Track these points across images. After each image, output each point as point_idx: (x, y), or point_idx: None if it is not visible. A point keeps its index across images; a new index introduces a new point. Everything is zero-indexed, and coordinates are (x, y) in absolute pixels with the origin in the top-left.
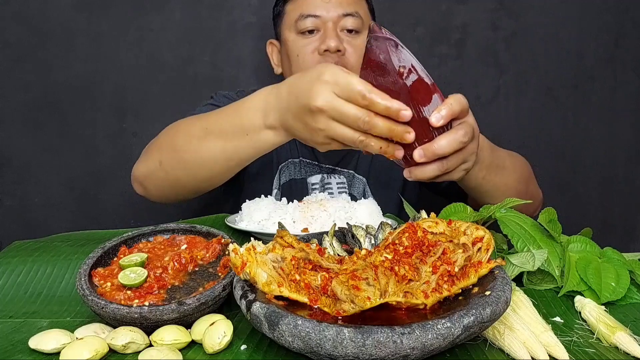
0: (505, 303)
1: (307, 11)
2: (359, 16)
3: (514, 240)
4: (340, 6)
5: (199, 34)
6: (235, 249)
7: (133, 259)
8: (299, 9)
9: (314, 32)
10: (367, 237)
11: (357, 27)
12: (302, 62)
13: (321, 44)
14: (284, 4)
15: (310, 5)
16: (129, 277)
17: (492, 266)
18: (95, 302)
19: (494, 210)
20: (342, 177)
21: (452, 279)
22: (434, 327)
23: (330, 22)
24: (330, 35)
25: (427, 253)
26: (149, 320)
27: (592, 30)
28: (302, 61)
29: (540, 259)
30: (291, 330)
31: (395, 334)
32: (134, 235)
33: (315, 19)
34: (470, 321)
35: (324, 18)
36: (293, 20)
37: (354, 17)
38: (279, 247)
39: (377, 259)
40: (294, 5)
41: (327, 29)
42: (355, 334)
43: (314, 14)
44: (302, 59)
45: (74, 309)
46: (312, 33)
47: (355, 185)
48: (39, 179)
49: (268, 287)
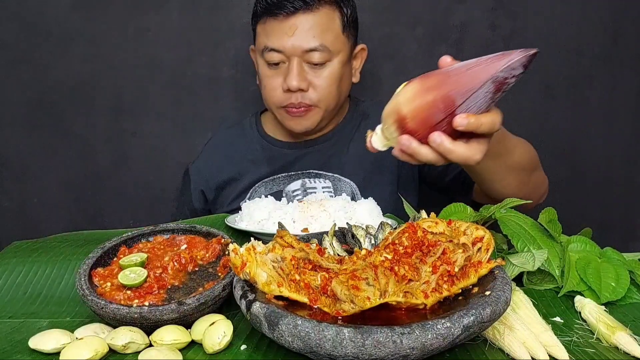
0: (505, 303)
1: (272, 44)
2: (325, 49)
3: (514, 240)
4: (305, 41)
5: (197, 34)
6: (235, 249)
7: (133, 259)
8: (266, 38)
9: (280, 64)
10: (367, 237)
11: (323, 60)
12: (267, 95)
13: (284, 82)
14: (255, 23)
15: (275, 37)
16: (129, 277)
17: (492, 266)
18: (95, 302)
19: (494, 210)
20: (327, 180)
21: (452, 279)
22: (434, 327)
23: (295, 58)
24: (291, 74)
25: (427, 253)
26: (149, 321)
27: (591, 28)
28: (267, 94)
29: (540, 259)
30: (291, 330)
31: (395, 334)
32: (134, 235)
33: (278, 53)
34: (470, 321)
35: (287, 52)
36: (260, 48)
37: (319, 52)
38: (279, 247)
39: (377, 259)
40: (262, 30)
41: (291, 65)
42: (355, 334)
43: (277, 48)
44: (268, 92)
45: (73, 309)
46: (278, 65)
47: (341, 189)
48: (38, 179)
49: (268, 287)
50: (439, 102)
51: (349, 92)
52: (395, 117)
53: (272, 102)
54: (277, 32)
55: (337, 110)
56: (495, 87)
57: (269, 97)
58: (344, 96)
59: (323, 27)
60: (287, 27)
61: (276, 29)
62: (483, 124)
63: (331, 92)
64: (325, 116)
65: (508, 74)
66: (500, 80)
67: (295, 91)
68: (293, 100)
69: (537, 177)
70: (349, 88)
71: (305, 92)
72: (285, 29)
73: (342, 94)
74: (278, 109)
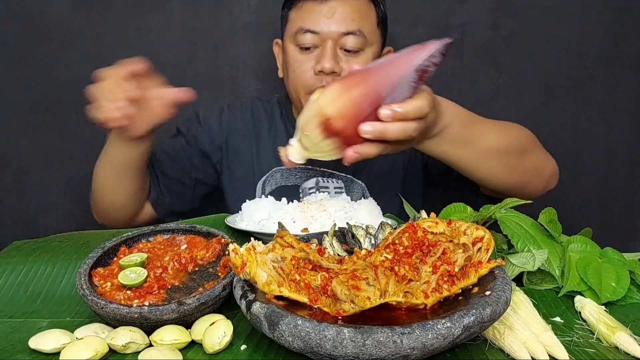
0: (506, 303)
1: (307, 25)
2: (362, 35)
3: (514, 240)
4: (343, 23)
5: (199, 34)
6: (235, 249)
7: (133, 259)
8: (300, 20)
9: (312, 49)
10: (367, 237)
11: (358, 46)
12: (297, 78)
13: (317, 64)
14: (288, 10)
15: (311, 19)
16: (129, 277)
17: (492, 266)
18: (95, 302)
19: (494, 210)
20: (339, 181)
21: (452, 279)
22: (434, 327)
23: (329, 41)
24: (326, 55)
25: (427, 253)
26: (149, 320)
27: (592, 29)
28: (297, 78)
29: (540, 259)
30: (291, 330)
31: (395, 334)
32: (134, 235)
33: (314, 35)
34: (470, 321)
35: (323, 35)
36: (293, 31)
37: (355, 36)
38: (279, 247)
39: (377, 259)
40: (297, 14)
41: (325, 47)
42: (355, 334)
43: (313, 29)
44: (297, 75)
45: (73, 309)
46: (310, 50)
47: (353, 190)
48: (38, 179)
49: (268, 287)
50: (365, 96)
51: None
52: (318, 121)
53: (301, 86)
54: (314, 14)
55: None
56: (417, 75)
57: (298, 81)
58: None
59: (361, 14)
60: (326, 8)
61: (314, 10)
62: (409, 111)
63: None
64: None
65: (429, 63)
66: (422, 68)
67: (328, 74)
68: (325, 83)
69: (532, 160)
70: None
71: (337, 77)
72: (323, 10)
73: None
74: (306, 96)
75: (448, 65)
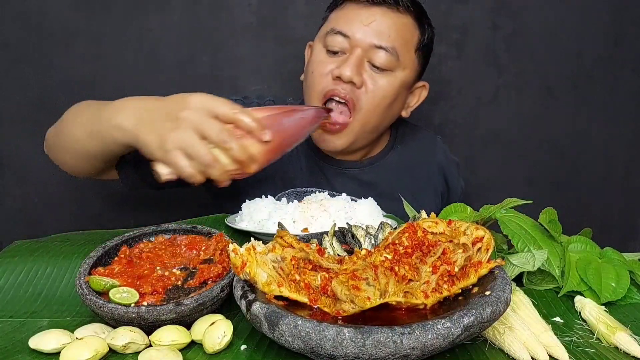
0: (505, 303)
1: (340, 27)
2: (394, 54)
3: (514, 240)
4: (377, 35)
5: (199, 34)
6: (235, 249)
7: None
8: (335, 21)
9: (339, 54)
10: (367, 237)
11: (387, 65)
12: (313, 80)
13: (337, 68)
14: (330, 11)
15: (346, 21)
16: (122, 296)
17: (492, 266)
18: (93, 301)
19: (494, 211)
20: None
21: (452, 279)
22: (434, 327)
23: (358, 49)
24: (350, 62)
25: (427, 253)
26: (147, 321)
27: (592, 29)
28: (314, 79)
29: (540, 259)
30: (291, 331)
31: (395, 334)
32: (136, 235)
33: (344, 39)
34: (470, 321)
35: (354, 41)
36: (325, 31)
37: (386, 53)
38: (279, 247)
39: (377, 259)
40: (335, 15)
41: (352, 55)
42: (355, 334)
43: (345, 32)
44: (314, 76)
45: (74, 308)
46: (337, 54)
47: None
48: (39, 179)
49: (268, 287)
50: None
51: (389, 125)
52: None
53: (314, 88)
54: (351, 17)
55: (374, 136)
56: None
57: (313, 83)
58: (386, 122)
59: (400, 32)
60: (365, 15)
61: (352, 14)
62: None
63: (379, 106)
64: (359, 136)
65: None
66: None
67: (346, 82)
68: (340, 89)
69: None
70: (394, 120)
71: (357, 89)
72: (362, 16)
73: (386, 120)
74: (317, 101)
75: (448, 65)
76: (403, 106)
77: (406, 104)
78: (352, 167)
